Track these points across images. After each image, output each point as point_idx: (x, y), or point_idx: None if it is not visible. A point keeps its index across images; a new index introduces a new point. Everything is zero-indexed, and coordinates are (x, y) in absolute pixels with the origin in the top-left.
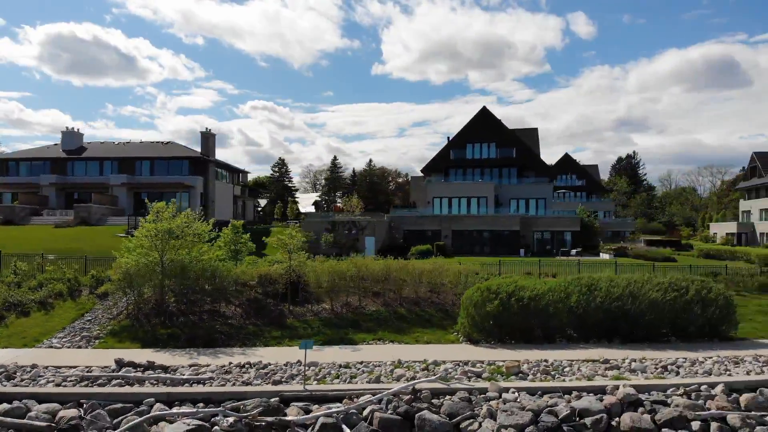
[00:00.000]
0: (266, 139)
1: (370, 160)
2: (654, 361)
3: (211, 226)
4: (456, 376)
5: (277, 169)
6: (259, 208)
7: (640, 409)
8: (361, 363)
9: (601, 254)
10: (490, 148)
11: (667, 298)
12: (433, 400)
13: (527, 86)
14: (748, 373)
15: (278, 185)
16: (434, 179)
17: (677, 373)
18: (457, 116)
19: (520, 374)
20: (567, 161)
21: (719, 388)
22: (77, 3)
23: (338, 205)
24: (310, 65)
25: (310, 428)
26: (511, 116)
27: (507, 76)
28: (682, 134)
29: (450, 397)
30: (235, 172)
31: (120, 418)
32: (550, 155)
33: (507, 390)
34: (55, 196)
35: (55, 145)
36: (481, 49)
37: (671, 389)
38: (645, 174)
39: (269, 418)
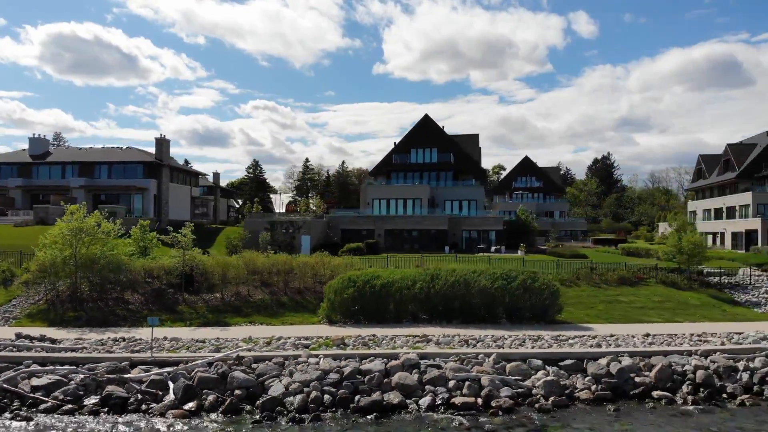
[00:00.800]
0: (268, 138)
1: (343, 162)
2: (465, 336)
3: (119, 225)
4: (285, 347)
5: (251, 170)
6: (237, 207)
7: (415, 371)
8: (218, 339)
9: (519, 251)
10: (432, 153)
11: (495, 286)
12: (252, 365)
13: (529, 86)
14: (520, 345)
15: (252, 186)
16: (375, 182)
17: (475, 346)
18: (458, 116)
19: (342, 345)
20: (527, 164)
21: (492, 357)
22: (78, 2)
23: (291, 205)
24: (311, 65)
25: (145, 384)
26: (512, 116)
27: (509, 76)
28: (685, 134)
29: (268, 362)
30: (192, 175)
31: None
32: (551, 155)
33: (317, 356)
34: (21, 198)
35: (23, 150)
36: (482, 49)
37: (452, 357)
38: (621, 175)
39: (112, 376)
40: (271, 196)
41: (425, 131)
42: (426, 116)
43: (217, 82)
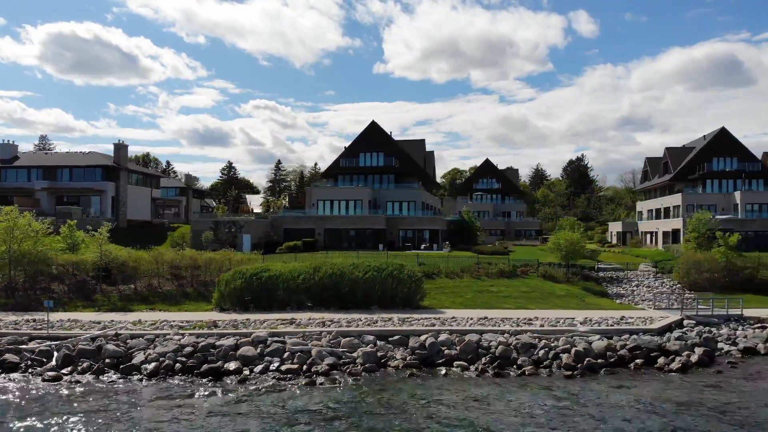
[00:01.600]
0: (268, 138)
1: (316, 164)
2: (331, 319)
3: (48, 224)
4: (164, 328)
5: (225, 171)
6: (212, 207)
7: (261, 345)
8: (112, 321)
9: (443, 248)
10: (378, 157)
11: (367, 277)
12: (127, 341)
13: (529, 85)
14: (398, 325)
15: (226, 186)
16: (321, 184)
17: (328, 326)
18: (459, 115)
19: (213, 326)
20: (488, 166)
21: (332, 334)
22: (78, 2)
23: (246, 206)
24: (311, 64)
25: (34, 353)
26: (513, 115)
27: (509, 75)
28: (686, 133)
29: (140, 338)
30: (153, 178)
31: None
32: (552, 154)
33: (182, 335)
34: None
35: None
36: (483, 48)
37: (298, 334)
38: (596, 176)
39: (10, 346)
40: (248, 196)
41: (373, 137)
42: (373, 122)
43: (217, 81)
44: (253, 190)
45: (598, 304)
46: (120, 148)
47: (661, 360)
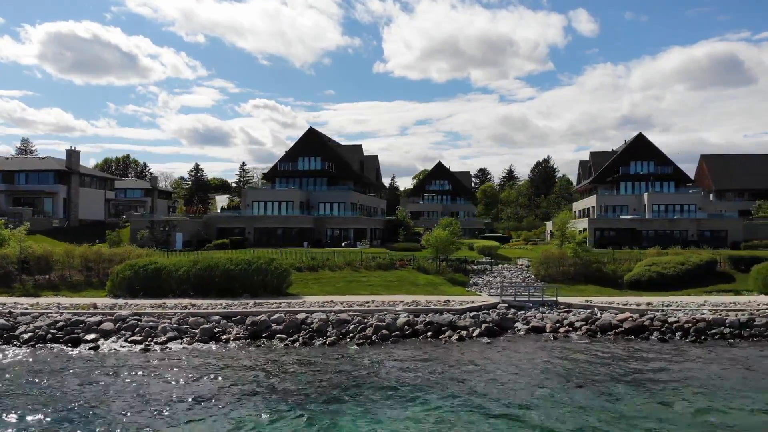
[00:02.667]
0: (269, 137)
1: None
2: (198, 304)
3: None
4: (52, 307)
5: (193, 172)
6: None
7: (120, 322)
8: (15, 303)
9: (358, 245)
10: (315, 161)
11: (238, 269)
12: (18, 317)
13: (529, 84)
14: (246, 308)
15: (192, 187)
16: (257, 186)
17: (189, 309)
18: (459, 114)
19: (94, 308)
20: (440, 168)
21: (183, 314)
22: (76, 1)
23: (191, 207)
24: (311, 63)
25: None
26: (513, 114)
27: (510, 74)
28: (687, 132)
29: (29, 315)
30: (107, 180)
31: None
32: (552, 153)
33: (62, 313)
34: None
35: None
36: (482, 47)
37: (155, 315)
38: (564, 176)
39: None
40: (217, 197)
41: (310, 142)
42: (311, 129)
43: (217, 81)
44: (227, 191)
45: (446, 291)
46: (72, 153)
47: (447, 333)
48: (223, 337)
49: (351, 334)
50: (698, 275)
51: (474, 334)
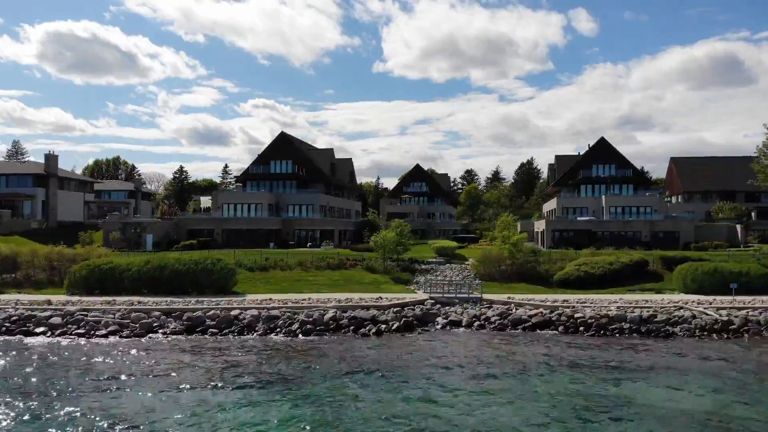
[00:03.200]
0: (268, 137)
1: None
2: (146, 301)
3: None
4: (10, 303)
5: (177, 174)
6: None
7: (69, 317)
8: None
9: (323, 246)
10: (287, 165)
11: (186, 269)
12: None
13: (529, 84)
14: (186, 305)
15: (176, 188)
16: (228, 189)
17: (137, 305)
18: (459, 114)
19: (50, 304)
20: (418, 171)
21: (126, 310)
22: (75, 1)
23: (165, 207)
24: (311, 63)
25: None
26: (513, 114)
27: (509, 74)
28: (687, 132)
29: None
30: (86, 183)
31: None
32: (552, 153)
33: (18, 308)
34: None
35: None
36: (482, 47)
37: (101, 310)
38: (546, 179)
39: None
40: (202, 198)
41: (282, 147)
42: (282, 133)
43: (216, 80)
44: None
45: (387, 289)
46: (50, 158)
47: (368, 327)
48: (161, 331)
49: (278, 329)
50: (627, 274)
51: (393, 328)
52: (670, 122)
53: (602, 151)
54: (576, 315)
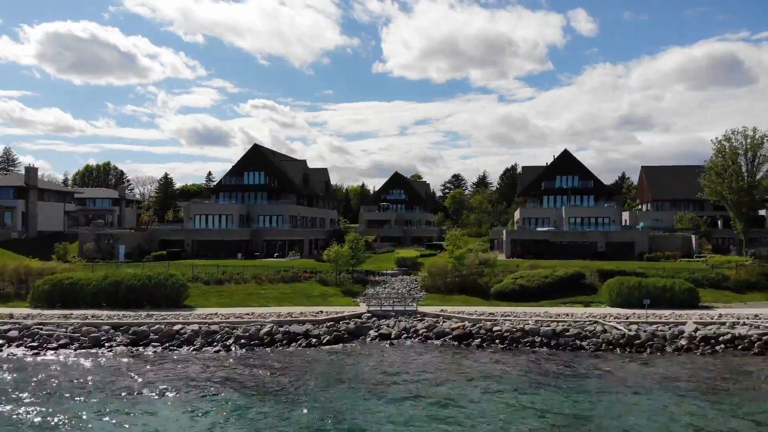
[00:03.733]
0: (268, 137)
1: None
2: (104, 315)
3: None
4: None
5: (162, 182)
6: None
7: (24, 330)
8: None
9: (287, 257)
10: (259, 176)
11: (140, 284)
12: None
13: (529, 84)
14: (136, 319)
15: (160, 197)
16: (201, 201)
17: (90, 319)
18: (458, 114)
19: (11, 318)
20: (397, 178)
21: (77, 325)
22: (74, 1)
23: (144, 215)
24: (310, 63)
25: None
26: (513, 114)
27: (509, 74)
28: (687, 132)
29: None
30: (66, 194)
31: None
32: (551, 153)
33: None
34: None
35: None
36: (481, 47)
37: (55, 324)
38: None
39: None
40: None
41: (255, 158)
42: (255, 145)
43: (216, 81)
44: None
45: (334, 302)
46: (30, 170)
47: (300, 341)
48: (107, 344)
49: (215, 343)
50: (562, 287)
51: (323, 342)
52: (670, 122)
53: (565, 162)
54: (495, 328)
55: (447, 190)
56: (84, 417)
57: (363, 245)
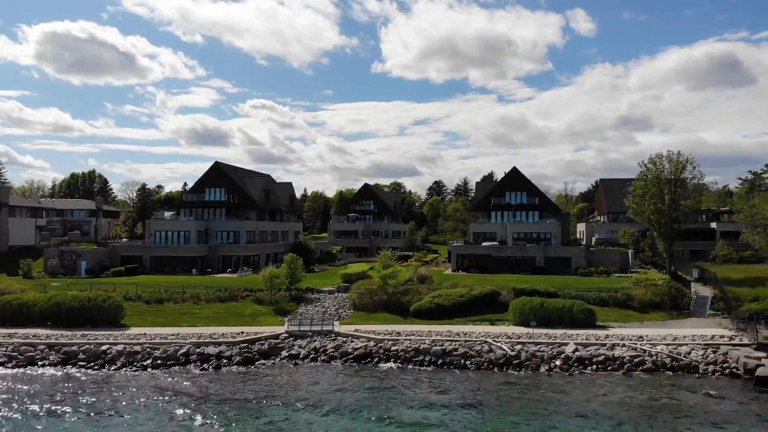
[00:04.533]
0: (267, 138)
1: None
2: (44, 334)
3: None
4: None
5: (139, 192)
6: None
7: None
8: None
9: (239, 273)
10: (220, 192)
11: (80, 305)
12: None
13: (528, 84)
14: (71, 339)
15: (138, 206)
16: (160, 218)
17: (31, 339)
18: (458, 114)
19: None
20: (366, 190)
21: (15, 344)
22: (72, 1)
23: (117, 228)
24: (309, 63)
25: None
26: (512, 115)
27: (508, 75)
28: (687, 133)
29: None
30: (37, 209)
31: None
32: (551, 154)
33: None
34: None
35: None
36: (480, 47)
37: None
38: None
39: None
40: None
41: (215, 175)
42: (216, 163)
43: (215, 81)
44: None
45: (262, 322)
46: (1, 189)
47: (212, 362)
48: (40, 362)
49: (135, 363)
50: (477, 305)
51: (233, 362)
52: (670, 122)
53: (514, 179)
54: (393, 348)
55: (434, 194)
56: None
57: (301, 265)
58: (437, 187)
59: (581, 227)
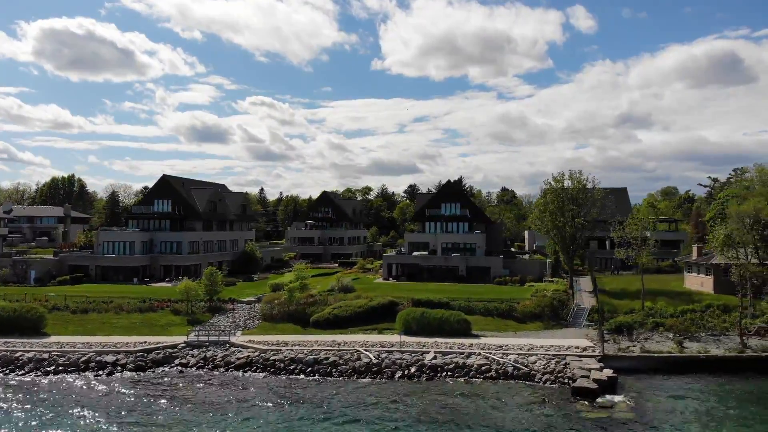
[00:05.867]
0: (267, 135)
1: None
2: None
3: None
4: None
5: (108, 198)
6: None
7: None
8: None
9: (172, 282)
10: (168, 204)
11: (5, 315)
12: None
13: (528, 82)
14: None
15: (107, 212)
16: (107, 229)
17: None
18: (457, 112)
19: None
20: (324, 197)
21: None
22: None
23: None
24: (308, 60)
25: None
26: (512, 112)
27: (508, 72)
28: (687, 131)
29: None
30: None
31: None
32: (551, 152)
33: None
34: None
35: None
36: (480, 44)
37: None
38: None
39: None
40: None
41: (164, 188)
42: (164, 176)
43: (214, 77)
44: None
45: (171, 332)
46: None
47: (107, 369)
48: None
49: (40, 369)
50: (376, 315)
51: (127, 369)
52: (670, 120)
53: (450, 191)
54: (272, 357)
55: (406, 199)
56: None
57: (220, 278)
58: (411, 191)
59: (527, 235)
